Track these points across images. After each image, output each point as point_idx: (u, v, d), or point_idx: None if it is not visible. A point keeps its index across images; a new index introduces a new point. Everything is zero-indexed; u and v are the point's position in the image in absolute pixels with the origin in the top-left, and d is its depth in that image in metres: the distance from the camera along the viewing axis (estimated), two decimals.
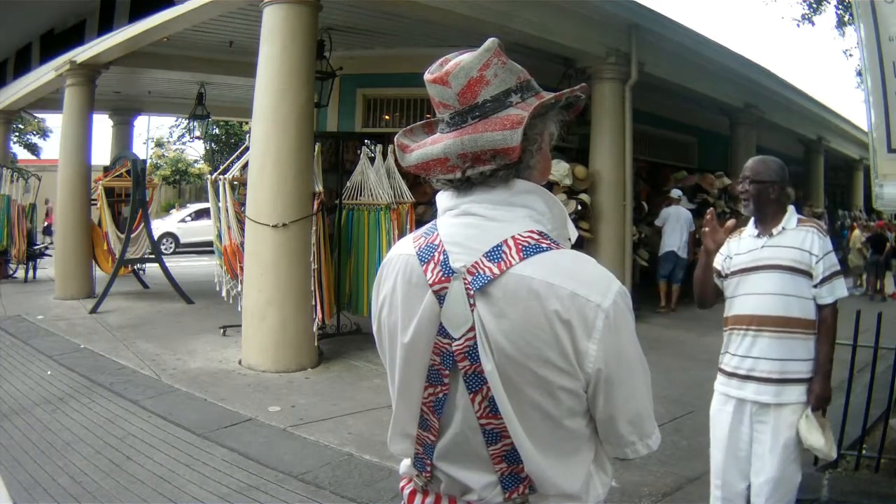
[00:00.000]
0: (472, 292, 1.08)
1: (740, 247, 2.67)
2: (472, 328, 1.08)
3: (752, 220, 2.69)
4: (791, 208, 2.65)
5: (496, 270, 1.07)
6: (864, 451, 3.67)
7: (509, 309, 1.06)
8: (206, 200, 9.65)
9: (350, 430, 4.38)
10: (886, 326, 3.64)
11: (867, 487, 3.47)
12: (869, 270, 12.44)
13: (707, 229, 2.55)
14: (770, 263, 2.56)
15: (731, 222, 2.65)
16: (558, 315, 1.05)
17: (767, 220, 2.62)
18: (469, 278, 1.08)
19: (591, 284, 1.08)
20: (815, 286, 2.51)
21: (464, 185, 1.14)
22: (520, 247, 1.08)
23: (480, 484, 1.13)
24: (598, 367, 1.07)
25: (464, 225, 1.14)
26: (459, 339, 1.09)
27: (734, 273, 2.64)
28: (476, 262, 1.09)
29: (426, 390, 1.15)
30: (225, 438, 4.19)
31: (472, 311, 1.08)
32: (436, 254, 1.13)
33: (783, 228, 2.58)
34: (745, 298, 2.60)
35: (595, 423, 1.16)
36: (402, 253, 1.20)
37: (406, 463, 1.25)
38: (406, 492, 1.24)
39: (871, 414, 3.73)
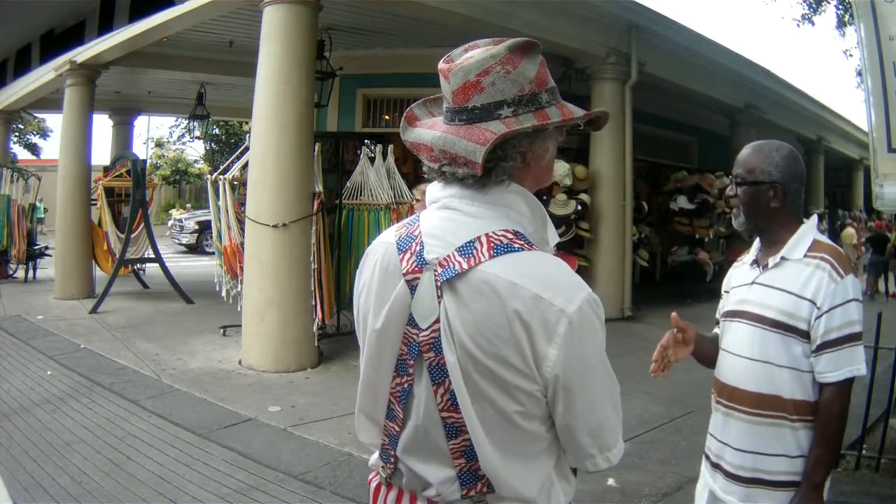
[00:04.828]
0: (439, 284, 1.09)
1: (739, 276, 1.92)
2: (438, 320, 1.09)
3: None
4: (809, 225, 1.79)
5: (465, 265, 1.07)
6: (864, 452, 3.67)
7: (473, 305, 1.06)
8: (206, 201, 9.64)
9: (350, 430, 4.38)
10: (886, 326, 3.64)
11: (867, 488, 3.46)
12: (870, 271, 12.44)
13: (664, 345, 1.82)
14: (753, 311, 1.77)
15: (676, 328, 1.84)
16: (519, 315, 1.04)
17: (768, 241, 1.83)
18: (439, 270, 1.09)
19: (557, 288, 1.06)
20: (814, 353, 1.68)
21: (446, 178, 1.15)
22: (491, 244, 1.08)
23: (439, 478, 1.14)
24: (556, 372, 1.06)
25: (443, 218, 1.15)
26: (426, 329, 1.10)
27: (724, 315, 1.92)
28: (448, 256, 1.09)
29: (394, 380, 1.16)
30: (225, 438, 4.19)
31: (440, 303, 1.09)
32: (413, 244, 1.14)
33: (782, 258, 1.75)
34: (722, 357, 1.88)
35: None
36: (383, 241, 1.22)
37: (375, 455, 1.26)
38: (373, 485, 1.26)
39: (871, 414, 3.73)
